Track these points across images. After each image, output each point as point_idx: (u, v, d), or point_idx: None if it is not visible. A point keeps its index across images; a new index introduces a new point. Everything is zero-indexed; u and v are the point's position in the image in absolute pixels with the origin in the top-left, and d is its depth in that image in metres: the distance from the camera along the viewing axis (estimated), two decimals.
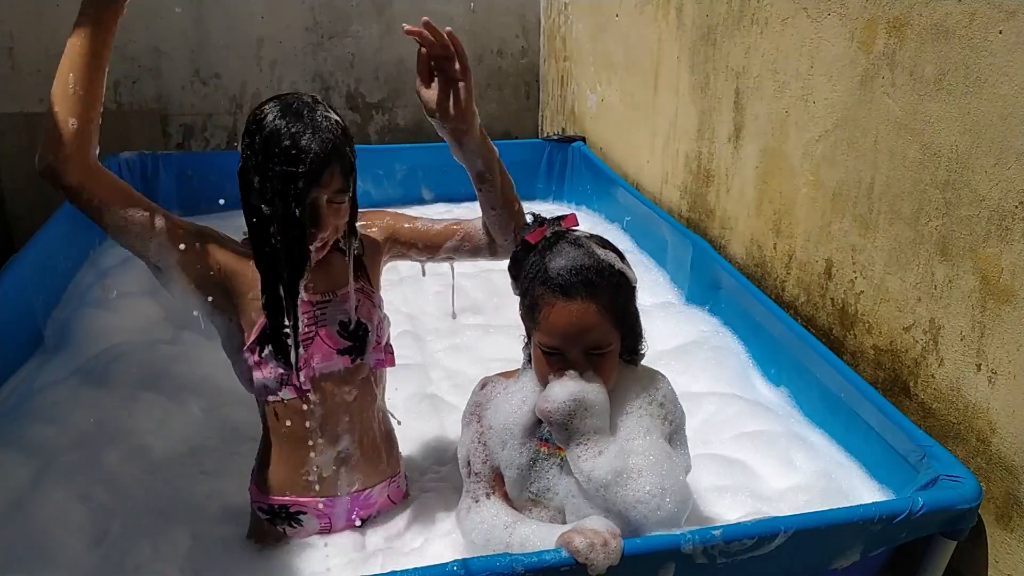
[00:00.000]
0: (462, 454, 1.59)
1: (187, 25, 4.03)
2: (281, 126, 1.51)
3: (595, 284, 1.43)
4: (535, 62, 4.56)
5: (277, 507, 1.68)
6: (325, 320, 1.63)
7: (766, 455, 1.97)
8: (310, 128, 1.51)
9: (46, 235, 2.76)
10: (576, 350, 1.44)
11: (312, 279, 1.60)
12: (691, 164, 3.01)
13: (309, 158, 1.49)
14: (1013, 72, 1.60)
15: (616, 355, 1.50)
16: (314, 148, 1.49)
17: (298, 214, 1.50)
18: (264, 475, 1.68)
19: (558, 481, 1.52)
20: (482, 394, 1.62)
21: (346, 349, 1.65)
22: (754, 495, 1.83)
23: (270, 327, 1.56)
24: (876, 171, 2.02)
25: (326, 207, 1.54)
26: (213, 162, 3.83)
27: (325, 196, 1.53)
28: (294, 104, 1.54)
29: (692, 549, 1.38)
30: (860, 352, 2.12)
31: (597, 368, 1.46)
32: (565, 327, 1.42)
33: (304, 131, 1.51)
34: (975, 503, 1.57)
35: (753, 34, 2.52)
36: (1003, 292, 1.65)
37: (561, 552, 1.35)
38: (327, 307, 1.64)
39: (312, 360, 1.61)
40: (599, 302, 1.43)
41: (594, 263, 1.46)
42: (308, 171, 1.49)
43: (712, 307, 2.64)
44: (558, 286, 1.43)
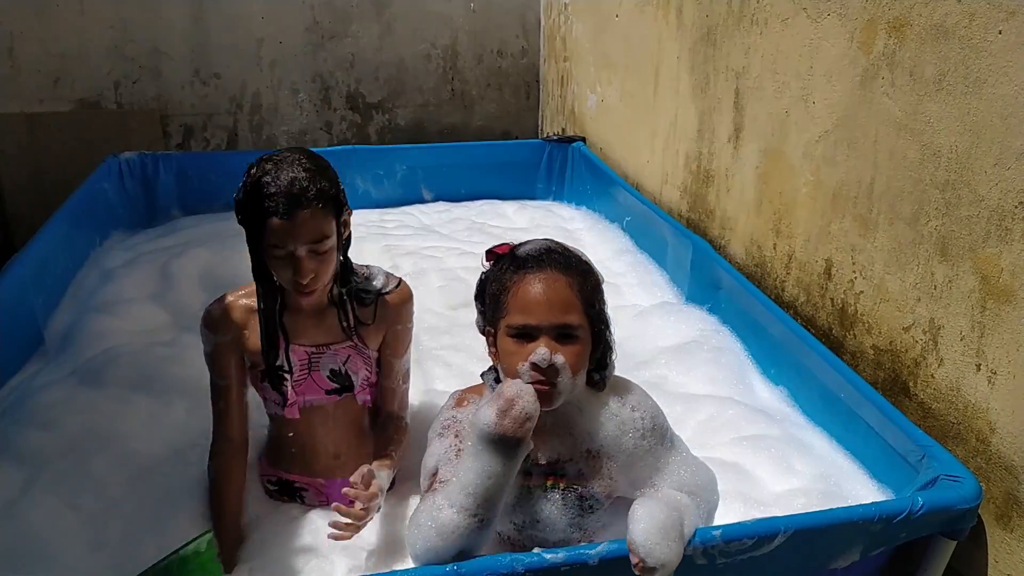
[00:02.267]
0: (430, 464, 1.46)
1: (187, 25, 4.03)
2: (256, 176, 1.57)
3: (565, 260, 1.43)
4: (535, 62, 4.56)
5: (285, 480, 1.88)
6: (317, 367, 1.79)
7: (765, 458, 1.96)
8: (279, 179, 1.55)
9: (46, 235, 2.75)
10: (547, 324, 1.37)
11: (308, 330, 1.76)
12: (691, 164, 3.01)
13: (272, 209, 1.54)
14: (1013, 72, 1.60)
15: (586, 351, 1.43)
16: (280, 200, 1.54)
17: (266, 264, 1.61)
18: (273, 454, 1.90)
19: (551, 514, 1.47)
20: (459, 410, 1.52)
21: (334, 390, 1.81)
22: (753, 499, 1.83)
23: (264, 365, 1.75)
24: (876, 171, 2.02)
25: (305, 257, 1.59)
26: (213, 162, 3.83)
27: (298, 247, 1.58)
28: (279, 157, 1.59)
29: (692, 550, 1.38)
30: (860, 352, 2.13)
31: (566, 355, 1.38)
32: (536, 296, 1.37)
33: (272, 182, 1.55)
34: (975, 503, 1.57)
35: (753, 34, 2.52)
36: (1003, 292, 1.65)
37: (561, 552, 1.35)
38: (320, 357, 1.78)
39: (303, 395, 1.79)
40: (569, 277, 1.40)
41: (562, 248, 1.47)
42: (269, 223, 1.55)
43: (712, 307, 2.64)
44: (529, 260, 1.41)
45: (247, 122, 4.26)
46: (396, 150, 4.02)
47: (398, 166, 3.92)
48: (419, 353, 2.51)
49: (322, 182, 1.59)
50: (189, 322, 2.48)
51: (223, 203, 3.67)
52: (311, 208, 1.56)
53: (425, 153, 4.01)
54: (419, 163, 3.94)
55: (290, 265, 1.59)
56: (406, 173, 3.93)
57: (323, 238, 1.60)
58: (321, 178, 1.59)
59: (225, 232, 3.25)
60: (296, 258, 1.58)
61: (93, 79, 3.96)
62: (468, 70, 4.48)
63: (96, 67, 3.95)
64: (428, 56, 4.40)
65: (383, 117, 4.45)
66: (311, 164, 1.60)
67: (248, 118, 4.25)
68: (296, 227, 1.55)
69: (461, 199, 3.89)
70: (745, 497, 1.83)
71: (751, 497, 1.84)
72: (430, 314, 2.79)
